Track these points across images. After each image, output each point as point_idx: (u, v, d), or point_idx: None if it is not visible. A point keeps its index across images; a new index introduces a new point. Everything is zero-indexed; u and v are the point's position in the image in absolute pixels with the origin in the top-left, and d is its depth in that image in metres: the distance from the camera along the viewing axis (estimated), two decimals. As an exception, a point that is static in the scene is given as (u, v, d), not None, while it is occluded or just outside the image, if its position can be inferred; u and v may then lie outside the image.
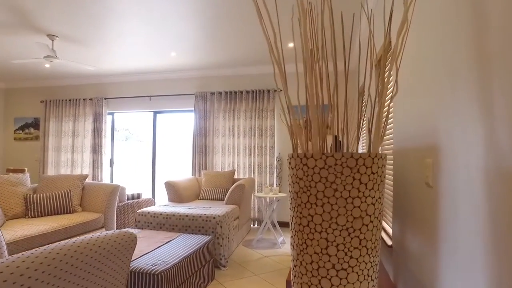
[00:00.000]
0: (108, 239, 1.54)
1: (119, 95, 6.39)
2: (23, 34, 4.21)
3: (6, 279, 1.11)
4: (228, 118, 5.61)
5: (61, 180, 3.81)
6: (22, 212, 3.42)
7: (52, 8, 3.44)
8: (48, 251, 1.28)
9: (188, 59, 5.19)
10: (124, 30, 4.04)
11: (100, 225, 3.70)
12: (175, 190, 4.59)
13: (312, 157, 1.14)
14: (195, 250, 2.75)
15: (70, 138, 6.53)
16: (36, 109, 6.97)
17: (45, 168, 6.61)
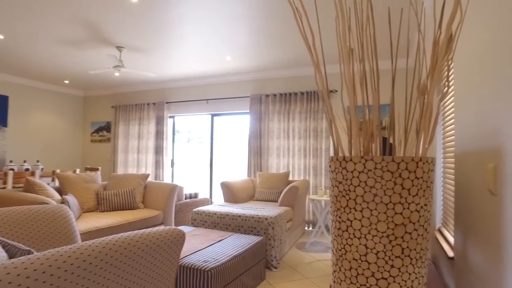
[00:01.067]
0: (159, 234, 1.64)
1: (179, 99, 6.76)
2: (96, 47, 4.68)
3: (72, 262, 1.24)
4: (283, 120, 5.62)
5: (126, 179, 4.14)
6: (95, 206, 3.79)
7: (119, 23, 3.77)
8: (106, 241, 1.41)
9: (243, 62, 5.31)
10: (182, 38, 4.27)
11: (160, 222, 3.95)
12: (230, 190, 4.72)
13: (351, 160, 1.10)
14: (245, 250, 2.80)
15: (136, 140, 7.07)
16: (108, 114, 7.70)
17: (116, 167, 7.24)
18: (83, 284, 1.29)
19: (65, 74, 6.31)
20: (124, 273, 1.45)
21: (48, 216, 2.14)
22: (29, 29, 4.09)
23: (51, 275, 1.20)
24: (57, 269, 1.21)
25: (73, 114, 7.89)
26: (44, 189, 3.18)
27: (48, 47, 4.76)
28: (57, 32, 4.15)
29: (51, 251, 1.27)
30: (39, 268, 1.18)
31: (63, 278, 1.22)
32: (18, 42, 4.59)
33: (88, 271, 1.30)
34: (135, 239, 1.52)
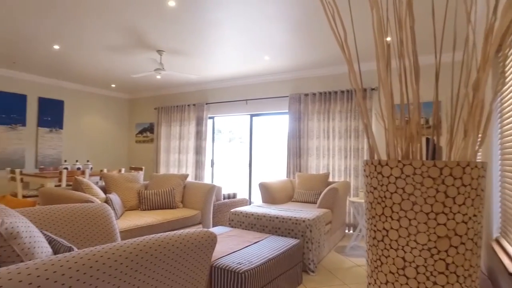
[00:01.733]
0: (189, 236, 1.63)
1: (218, 100, 6.85)
2: (138, 52, 4.87)
3: (104, 262, 1.27)
4: (322, 120, 5.47)
5: (167, 178, 4.26)
6: (136, 205, 3.94)
7: (158, 27, 3.88)
8: (137, 242, 1.42)
9: (281, 62, 5.25)
10: (220, 40, 4.31)
11: (198, 221, 4.01)
12: (268, 191, 4.68)
13: (387, 164, 1.00)
14: (281, 253, 2.74)
15: (177, 140, 7.28)
16: (151, 115, 8.01)
17: (158, 167, 7.51)
18: (115, 283, 1.32)
19: (112, 78, 6.66)
20: (154, 274, 1.46)
21: (90, 214, 2.24)
22: (80, 39, 4.35)
23: (84, 274, 1.23)
24: (90, 268, 1.25)
25: (119, 116, 8.32)
26: (90, 188, 3.36)
27: (96, 54, 5.04)
28: (104, 40, 4.37)
29: (86, 250, 1.31)
30: (74, 267, 1.21)
31: (95, 277, 1.25)
32: (71, 51, 4.91)
33: (119, 271, 1.32)
34: (166, 240, 1.52)
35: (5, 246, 1.36)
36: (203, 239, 1.69)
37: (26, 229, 1.49)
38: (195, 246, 1.64)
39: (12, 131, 6.29)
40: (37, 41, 4.51)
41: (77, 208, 2.22)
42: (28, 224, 1.56)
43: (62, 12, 3.57)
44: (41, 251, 1.50)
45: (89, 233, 2.15)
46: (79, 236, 2.11)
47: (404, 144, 1.12)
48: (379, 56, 1.09)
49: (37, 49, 4.88)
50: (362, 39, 4.15)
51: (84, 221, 2.18)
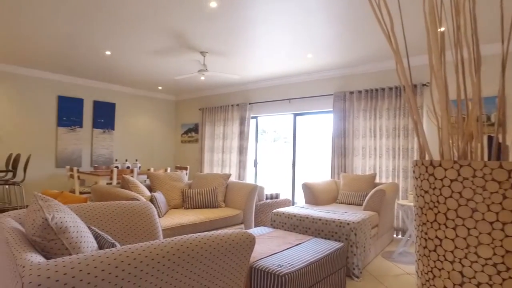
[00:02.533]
0: (227, 237, 1.61)
1: (261, 100, 6.83)
2: (182, 54, 4.99)
3: (153, 257, 1.29)
4: (369, 118, 5.23)
5: (209, 178, 4.31)
6: (180, 204, 4.03)
7: (201, 29, 3.94)
8: (174, 241, 1.42)
9: (324, 59, 5.09)
10: (262, 39, 4.27)
11: (240, 221, 4.01)
12: (312, 192, 4.56)
13: (440, 165, 0.89)
14: (324, 256, 2.64)
15: (221, 140, 7.38)
16: (196, 116, 8.22)
17: (203, 167, 7.68)
18: (152, 281, 1.32)
19: (158, 81, 6.92)
20: (192, 274, 1.45)
21: (135, 212, 2.31)
22: (129, 44, 4.56)
23: (123, 270, 1.24)
24: (128, 265, 1.26)
25: (166, 117, 8.64)
26: (136, 186, 3.49)
27: (144, 58, 5.26)
28: (150, 44, 4.54)
29: (126, 247, 1.33)
30: (113, 263, 1.24)
31: (133, 274, 1.27)
32: (121, 56, 5.17)
33: (156, 269, 1.33)
34: (204, 240, 1.51)
35: (56, 239, 1.42)
36: (241, 240, 1.65)
37: (73, 224, 1.55)
38: (233, 247, 1.61)
39: (71, 133, 6.79)
40: (91, 48, 4.80)
41: (123, 205, 2.30)
42: (76, 219, 1.63)
43: (113, 20, 3.75)
44: (87, 246, 1.56)
45: (133, 230, 2.22)
46: (124, 232, 2.19)
47: (461, 143, 0.99)
48: (431, 45, 0.97)
49: (91, 56, 5.21)
50: (410, 28, 3.89)
51: (129, 218, 2.25)
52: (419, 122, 1.03)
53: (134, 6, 3.43)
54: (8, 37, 4.43)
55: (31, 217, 1.47)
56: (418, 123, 1.03)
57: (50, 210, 1.48)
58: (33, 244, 1.43)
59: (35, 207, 1.52)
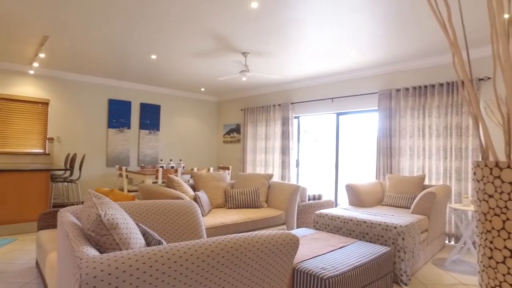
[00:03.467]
0: (271, 238, 1.59)
1: (303, 99, 6.75)
2: (224, 55, 5.07)
3: (198, 256, 1.31)
4: (417, 117, 4.96)
5: (252, 178, 4.33)
6: (223, 203, 4.09)
7: (242, 29, 3.97)
8: (218, 241, 1.44)
9: (368, 56, 4.91)
10: (303, 38, 4.22)
11: (282, 222, 3.98)
12: (356, 193, 4.42)
13: (508, 167, 0.80)
14: (369, 260, 2.53)
15: (263, 140, 7.40)
16: (237, 116, 8.32)
17: (245, 167, 7.74)
18: (197, 279, 1.34)
19: (201, 82, 7.09)
20: (235, 273, 1.45)
21: (179, 210, 2.37)
22: (173, 47, 4.72)
23: (169, 268, 1.28)
24: (174, 262, 1.29)
25: (208, 118, 8.84)
26: (180, 186, 3.60)
27: (187, 61, 5.41)
28: (193, 47, 4.66)
29: (172, 245, 1.36)
30: (160, 260, 1.27)
31: (179, 272, 1.29)
32: (166, 60, 5.37)
33: (201, 267, 1.34)
34: (247, 241, 1.51)
35: (108, 234, 1.50)
36: (285, 241, 1.63)
37: (123, 221, 1.63)
38: (277, 248, 1.59)
39: (120, 134, 7.17)
40: (139, 53, 5.03)
41: (168, 204, 2.37)
42: (125, 216, 1.70)
43: (157, 26, 3.90)
44: (135, 242, 1.62)
45: (178, 228, 2.28)
46: (169, 230, 2.25)
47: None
48: (497, 33, 0.89)
49: (138, 61, 5.46)
50: (466, 19, 3.62)
51: (174, 216, 2.31)
52: (481, 120, 0.94)
53: (177, 11, 3.53)
54: (69, 50, 4.77)
55: (86, 213, 1.55)
56: (481, 121, 0.94)
57: (103, 207, 1.56)
58: (88, 238, 1.52)
59: (90, 203, 1.61)
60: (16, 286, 2.73)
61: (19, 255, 3.53)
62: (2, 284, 2.75)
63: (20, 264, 3.25)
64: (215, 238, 1.48)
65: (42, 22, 3.94)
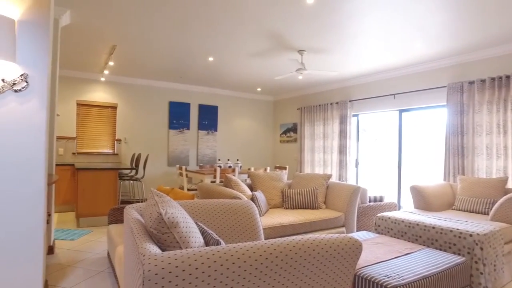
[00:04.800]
0: (332, 242, 1.51)
1: (363, 96, 6.45)
2: (281, 54, 5.02)
3: (257, 258, 1.29)
4: (495, 111, 4.43)
5: (309, 178, 4.23)
6: (280, 203, 4.05)
7: (298, 27, 3.89)
8: (277, 243, 1.39)
9: (436, 47, 4.52)
10: (362, 32, 4.01)
11: (341, 224, 3.82)
12: (422, 196, 4.09)
13: None
14: (441, 271, 2.30)
15: (321, 140, 7.22)
16: (294, 115, 8.23)
17: (302, 167, 7.63)
18: (255, 282, 1.31)
19: (257, 82, 7.13)
20: (294, 277, 1.39)
21: (237, 210, 2.38)
22: (229, 49, 4.79)
23: (227, 269, 1.26)
24: (232, 264, 1.27)
25: (264, 118, 8.87)
26: (238, 185, 3.63)
27: (243, 61, 5.47)
28: (249, 47, 4.69)
29: (231, 246, 1.35)
30: (218, 261, 1.26)
31: (237, 273, 1.27)
32: (222, 61, 5.49)
33: (259, 270, 1.31)
34: (307, 244, 1.44)
35: (168, 233, 1.53)
36: (347, 246, 1.53)
37: (183, 220, 1.65)
38: (338, 253, 1.50)
39: (180, 134, 7.51)
40: (196, 55, 5.20)
41: (226, 203, 2.39)
42: (185, 215, 1.73)
43: (214, 28, 3.98)
44: (194, 241, 1.64)
45: (235, 228, 2.29)
46: (227, 229, 2.27)
47: None
48: None
49: (196, 63, 5.65)
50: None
51: (232, 215, 2.32)
52: None
53: (233, 13, 3.56)
54: (134, 57, 5.11)
55: (149, 211, 1.61)
56: None
57: (164, 205, 1.60)
58: (150, 235, 1.57)
59: (152, 202, 1.66)
60: (93, 273, 2.99)
61: (94, 245, 3.85)
62: (82, 270, 3.07)
63: (96, 254, 3.54)
64: (274, 240, 1.44)
65: (112, 33, 4.25)
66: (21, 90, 2.23)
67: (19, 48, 2.24)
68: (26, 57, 2.26)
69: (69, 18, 3.78)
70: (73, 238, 4.13)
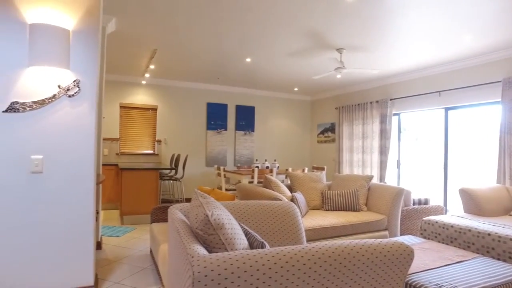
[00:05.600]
0: (382, 248, 1.44)
1: (405, 95, 6.18)
2: (319, 53, 4.94)
3: (304, 262, 1.26)
4: (555, 108, 4.08)
5: (350, 179, 4.12)
6: (320, 205, 3.98)
7: (338, 25, 3.79)
8: (325, 248, 1.35)
9: (488, 38, 4.22)
10: (405, 27, 3.83)
11: (383, 227, 3.68)
12: (473, 199, 3.84)
13: None
14: (501, 283, 2.13)
15: (360, 140, 7.01)
16: (332, 115, 8.06)
17: (341, 167, 7.46)
18: (302, 287, 1.28)
19: (294, 82, 7.06)
20: (342, 284, 1.35)
21: (278, 212, 2.36)
22: (266, 49, 4.79)
23: (276, 272, 1.24)
24: (280, 267, 1.25)
25: (302, 118, 8.78)
26: (278, 186, 3.60)
27: (281, 61, 5.44)
28: (287, 46, 4.65)
29: (277, 250, 1.33)
30: (266, 264, 1.24)
31: (285, 277, 1.25)
32: (259, 62, 5.49)
33: (307, 275, 1.28)
34: (355, 249, 1.39)
35: (214, 234, 1.54)
36: (398, 252, 1.46)
37: (228, 221, 1.66)
38: (388, 259, 1.43)
39: (218, 135, 7.62)
40: (234, 57, 5.24)
41: (267, 204, 2.38)
42: (230, 216, 1.74)
43: (251, 29, 3.99)
44: (239, 243, 1.64)
45: (277, 229, 2.27)
46: (269, 231, 2.25)
47: None
48: None
49: (234, 64, 5.70)
50: None
51: (274, 217, 2.31)
52: None
53: (271, 13, 3.55)
54: (173, 59, 5.26)
55: (195, 212, 1.63)
56: None
57: (209, 207, 1.62)
58: (196, 235, 1.59)
59: (197, 203, 1.68)
60: (137, 269, 3.10)
61: (137, 243, 3.99)
62: (127, 266, 3.20)
63: (139, 251, 3.67)
64: (322, 243, 1.40)
65: (153, 38, 4.39)
66: (74, 95, 2.36)
67: (72, 56, 2.37)
68: (78, 64, 2.39)
69: (114, 25, 3.95)
70: (118, 235, 4.31)
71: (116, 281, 2.82)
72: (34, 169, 2.28)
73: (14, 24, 2.22)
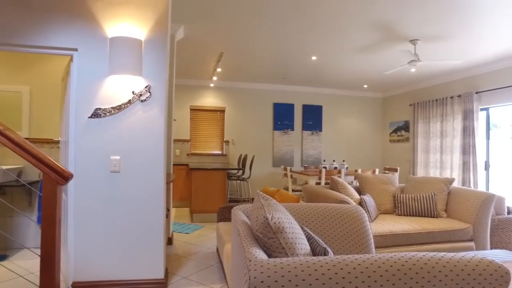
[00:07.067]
0: (465, 265, 1.25)
1: (494, 86, 5.45)
2: (389, 47, 4.60)
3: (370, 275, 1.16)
4: None
5: (426, 182, 3.75)
6: (391, 209, 3.69)
7: (412, 14, 3.48)
8: (397, 258, 1.22)
9: None
10: (494, 6, 3.35)
11: (468, 238, 3.27)
12: None
13: None
14: None
15: (438, 138, 6.38)
16: (405, 112, 7.48)
17: (415, 168, 6.87)
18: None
19: (364, 79, 6.70)
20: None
21: (345, 216, 2.23)
22: (333, 46, 4.61)
23: (336, 283, 1.15)
24: (342, 278, 1.16)
25: (372, 116, 8.31)
26: (345, 188, 3.43)
27: (348, 58, 5.20)
28: (355, 41, 4.42)
29: (341, 258, 1.24)
30: (327, 273, 1.16)
31: None
32: (326, 59, 5.33)
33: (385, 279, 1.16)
34: (431, 264, 1.23)
35: (274, 238, 1.50)
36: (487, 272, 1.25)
37: (289, 225, 1.60)
38: (473, 279, 1.23)
39: (284, 135, 7.58)
40: (299, 56, 5.16)
41: (333, 208, 2.26)
42: (291, 220, 1.68)
43: (317, 26, 3.86)
44: (300, 248, 1.58)
45: (343, 234, 2.14)
46: (334, 236, 2.14)
47: None
48: None
49: (299, 63, 5.61)
50: None
51: (339, 221, 2.18)
52: None
53: (336, 8, 3.39)
54: (240, 62, 5.37)
55: (255, 214, 1.60)
56: None
57: (270, 209, 1.58)
58: (256, 238, 1.56)
59: (258, 204, 1.65)
60: (204, 266, 3.22)
61: (205, 240, 4.15)
62: (195, 262, 3.33)
63: (206, 248, 3.81)
64: (391, 254, 1.27)
65: (219, 42, 4.54)
66: (146, 100, 2.52)
67: (143, 64, 2.54)
68: (149, 70, 2.55)
69: (183, 32, 4.16)
70: (188, 232, 4.53)
71: (184, 276, 2.94)
72: (113, 168, 2.49)
73: (99, 39, 2.47)
